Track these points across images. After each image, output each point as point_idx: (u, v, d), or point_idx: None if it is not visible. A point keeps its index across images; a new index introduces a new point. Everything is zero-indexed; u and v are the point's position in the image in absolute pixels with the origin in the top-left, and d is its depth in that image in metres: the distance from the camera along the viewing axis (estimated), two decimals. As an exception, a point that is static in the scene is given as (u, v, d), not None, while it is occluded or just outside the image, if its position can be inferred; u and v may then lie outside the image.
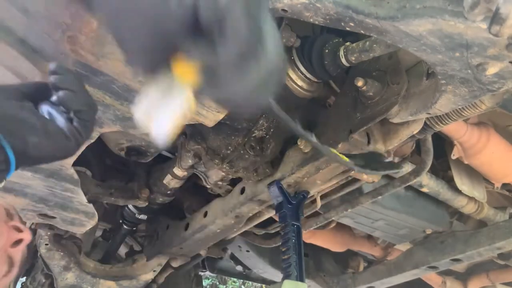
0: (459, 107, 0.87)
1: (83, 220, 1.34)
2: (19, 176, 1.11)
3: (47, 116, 0.67)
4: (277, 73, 0.55)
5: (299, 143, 1.19)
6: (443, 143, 1.53)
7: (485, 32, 0.58)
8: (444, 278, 2.25)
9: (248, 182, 1.37)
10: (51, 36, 0.79)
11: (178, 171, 1.47)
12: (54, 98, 0.70)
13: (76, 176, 1.14)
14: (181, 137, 1.31)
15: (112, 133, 1.27)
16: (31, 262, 2.03)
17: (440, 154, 1.54)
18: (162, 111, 0.56)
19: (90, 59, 0.82)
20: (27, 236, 0.90)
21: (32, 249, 1.77)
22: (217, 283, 6.40)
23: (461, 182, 1.53)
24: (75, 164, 1.08)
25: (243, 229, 1.62)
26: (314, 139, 0.87)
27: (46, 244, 1.60)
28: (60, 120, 0.68)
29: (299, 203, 1.28)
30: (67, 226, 1.38)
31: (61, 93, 0.69)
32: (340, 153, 0.93)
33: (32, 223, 1.49)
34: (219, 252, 2.05)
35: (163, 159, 1.59)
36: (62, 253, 1.63)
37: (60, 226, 1.38)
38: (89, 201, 1.27)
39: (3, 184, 0.63)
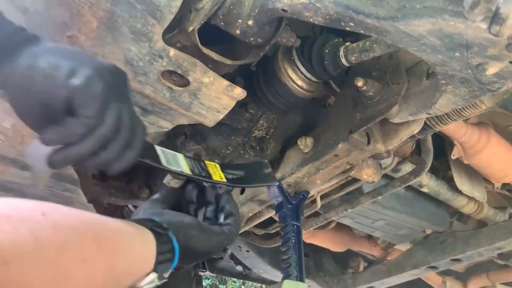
0: (459, 107, 0.87)
1: (83, 220, 1.33)
2: (19, 176, 1.11)
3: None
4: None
5: (299, 143, 1.19)
6: (443, 143, 1.53)
7: (485, 32, 0.58)
8: (444, 278, 2.25)
9: (248, 182, 1.37)
10: (51, 36, 0.79)
11: (178, 171, 1.46)
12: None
13: (76, 176, 1.14)
14: (181, 137, 1.31)
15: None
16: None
17: (440, 154, 1.54)
18: None
19: (90, 59, 0.82)
20: None
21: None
22: (217, 283, 6.40)
23: (461, 182, 1.53)
24: (75, 164, 1.08)
25: (243, 229, 1.62)
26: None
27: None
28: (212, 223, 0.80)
29: (299, 203, 1.28)
30: (67, 226, 1.37)
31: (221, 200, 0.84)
32: (216, 162, 0.89)
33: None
34: (219, 252, 2.05)
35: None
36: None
37: (60, 226, 1.37)
38: (89, 201, 1.27)
39: (168, 274, 0.66)
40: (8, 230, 0.41)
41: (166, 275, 0.65)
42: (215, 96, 0.92)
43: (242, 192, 1.40)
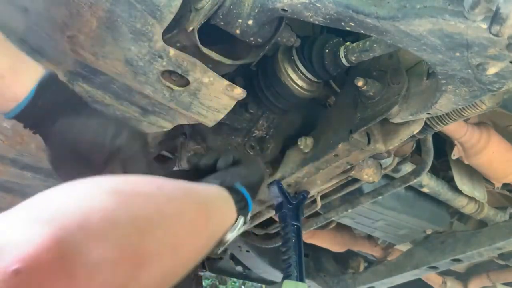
0: (460, 107, 0.87)
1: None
2: (19, 176, 1.10)
3: None
4: None
5: (299, 143, 1.19)
6: (443, 143, 1.52)
7: (485, 32, 0.58)
8: (444, 278, 2.25)
9: (248, 182, 1.36)
10: (51, 36, 0.79)
11: (178, 171, 1.47)
12: None
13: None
14: (181, 137, 1.31)
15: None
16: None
17: (441, 154, 1.54)
18: None
19: (90, 59, 0.82)
20: None
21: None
22: (217, 283, 6.40)
23: (461, 182, 1.52)
24: (75, 164, 1.08)
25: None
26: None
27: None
28: None
29: (299, 203, 1.28)
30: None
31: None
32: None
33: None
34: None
35: (163, 159, 1.59)
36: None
37: (60, 226, 1.37)
38: (89, 201, 1.26)
39: (249, 217, 0.79)
40: (138, 204, 0.47)
41: (248, 217, 0.78)
42: (215, 96, 0.92)
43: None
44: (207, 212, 0.62)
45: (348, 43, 1.00)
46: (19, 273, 0.31)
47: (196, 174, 0.81)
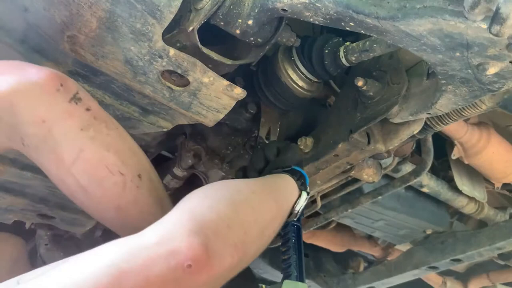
0: (460, 107, 0.87)
1: (83, 220, 1.34)
2: (19, 176, 1.10)
3: None
4: None
5: (299, 143, 1.19)
6: (443, 143, 1.52)
7: (485, 32, 0.58)
8: (444, 278, 2.25)
9: (248, 182, 1.36)
10: (51, 36, 0.79)
11: (178, 171, 1.46)
12: None
13: (76, 176, 1.14)
14: (181, 137, 1.31)
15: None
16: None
17: (441, 154, 1.54)
18: None
19: (89, 59, 0.82)
20: None
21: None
22: (217, 283, 6.39)
23: (461, 182, 1.52)
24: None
25: (243, 229, 1.62)
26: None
27: (46, 244, 1.60)
28: None
29: (299, 203, 1.28)
30: (67, 226, 1.38)
31: None
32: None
33: (32, 223, 1.49)
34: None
35: (163, 159, 1.59)
36: (62, 253, 1.63)
37: (60, 226, 1.38)
38: (89, 201, 1.26)
39: (308, 189, 0.99)
40: (243, 211, 0.72)
41: (309, 189, 0.98)
42: (215, 96, 0.92)
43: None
44: (280, 201, 0.87)
45: (348, 43, 1.00)
46: (190, 266, 0.56)
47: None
